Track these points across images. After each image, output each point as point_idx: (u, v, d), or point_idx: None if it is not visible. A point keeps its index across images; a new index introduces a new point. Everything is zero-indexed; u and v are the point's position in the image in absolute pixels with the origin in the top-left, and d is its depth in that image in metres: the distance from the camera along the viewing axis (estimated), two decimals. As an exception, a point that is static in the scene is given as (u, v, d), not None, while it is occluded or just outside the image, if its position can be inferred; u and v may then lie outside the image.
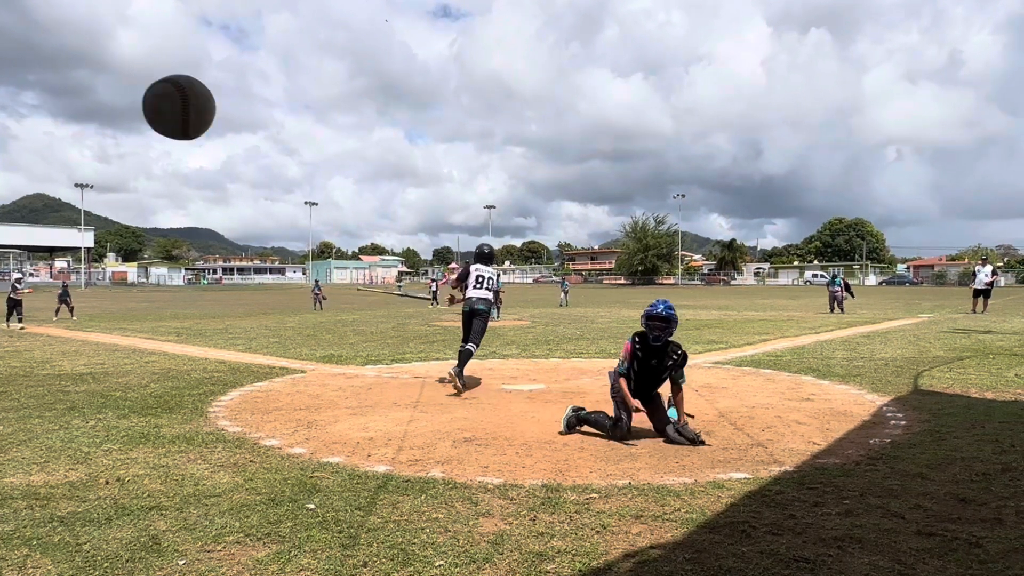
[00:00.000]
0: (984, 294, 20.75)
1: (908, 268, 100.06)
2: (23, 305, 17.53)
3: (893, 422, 5.71)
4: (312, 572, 2.85)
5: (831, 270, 62.14)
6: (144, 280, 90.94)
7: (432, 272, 69.09)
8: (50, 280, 64.18)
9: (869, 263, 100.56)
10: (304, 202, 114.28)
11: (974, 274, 21.94)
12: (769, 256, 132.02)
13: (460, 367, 7.25)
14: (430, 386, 7.67)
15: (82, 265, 75.87)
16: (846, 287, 22.62)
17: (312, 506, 3.62)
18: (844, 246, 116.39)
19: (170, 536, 3.21)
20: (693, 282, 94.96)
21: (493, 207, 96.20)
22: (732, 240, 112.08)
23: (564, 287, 30.74)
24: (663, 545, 3.13)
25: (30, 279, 49.45)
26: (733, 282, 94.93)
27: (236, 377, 8.27)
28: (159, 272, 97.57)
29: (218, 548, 3.08)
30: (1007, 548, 3.09)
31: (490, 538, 3.20)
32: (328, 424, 5.69)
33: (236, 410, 6.26)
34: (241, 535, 3.22)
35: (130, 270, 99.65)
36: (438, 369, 8.97)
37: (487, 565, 2.92)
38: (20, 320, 17.03)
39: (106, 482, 4.05)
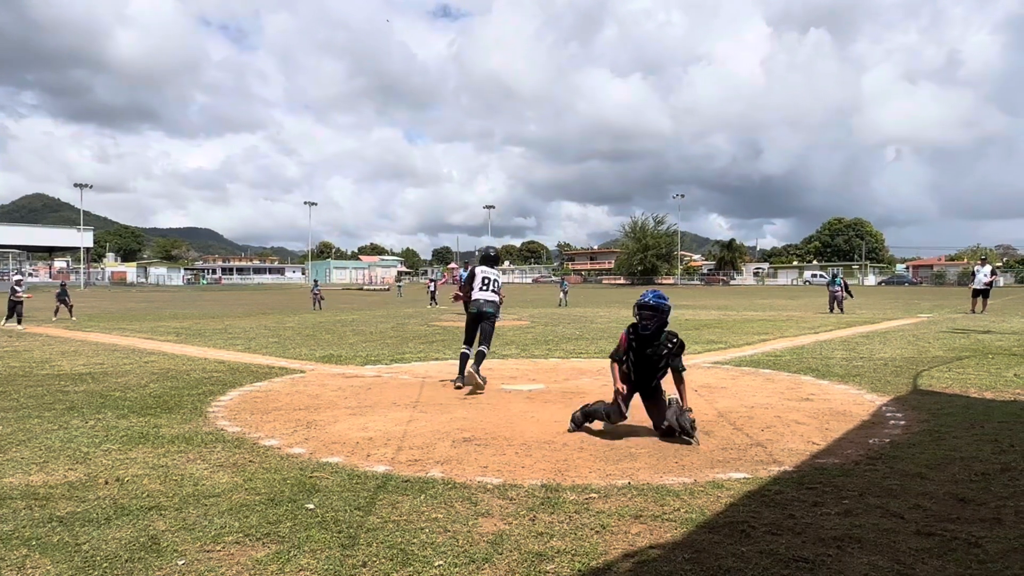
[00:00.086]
0: (983, 294, 20.76)
1: (907, 268, 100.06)
2: (23, 306, 17.51)
3: (892, 422, 5.71)
4: (311, 572, 2.85)
5: (831, 270, 62.17)
6: (143, 280, 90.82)
7: (431, 272, 69.01)
8: (49, 280, 64.13)
9: (868, 263, 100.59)
10: (303, 202, 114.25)
11: (973, 274, 21.95)
12: (768, 256, 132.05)
13: (476, 365, 7.25)
14: (429, 386, 7.67)
15: (81, 265, 75.78)
16: (845, 287, 22.63)
17: (311, 506, 3.62)
18: (843, 246, 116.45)
19: (169, 536, 3.21)
20: (692, 282, 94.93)
21: (492, 207, 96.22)
22: (731, 240, 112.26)
23: (563, 287, 30.73)
24: (662, 545, 3.13)
25: (29, 279, 49.40)
26: (732, 282, 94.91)
27: (235, 377, 8.27)
28: (158, 272, 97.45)
29: (217, 548, 3.08)
30: (1006, 548, 3.10)
31: (489, 538, 3.21)
32: (327, 424, 5.69)
33: (235, 410, 6.26)
34: (240, 535, 3.22)
35: (129, 270, 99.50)
36: (437, 369, 8.97)
37: (486, 565, 2.92)
38: (20, 321, 17.02)
39: (105, 482, 4.05)
